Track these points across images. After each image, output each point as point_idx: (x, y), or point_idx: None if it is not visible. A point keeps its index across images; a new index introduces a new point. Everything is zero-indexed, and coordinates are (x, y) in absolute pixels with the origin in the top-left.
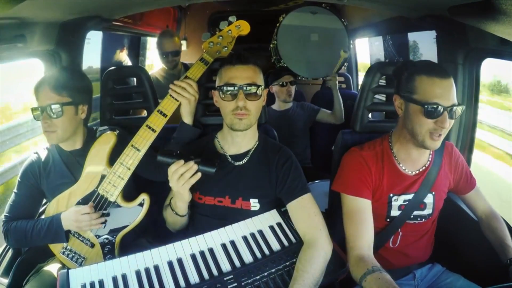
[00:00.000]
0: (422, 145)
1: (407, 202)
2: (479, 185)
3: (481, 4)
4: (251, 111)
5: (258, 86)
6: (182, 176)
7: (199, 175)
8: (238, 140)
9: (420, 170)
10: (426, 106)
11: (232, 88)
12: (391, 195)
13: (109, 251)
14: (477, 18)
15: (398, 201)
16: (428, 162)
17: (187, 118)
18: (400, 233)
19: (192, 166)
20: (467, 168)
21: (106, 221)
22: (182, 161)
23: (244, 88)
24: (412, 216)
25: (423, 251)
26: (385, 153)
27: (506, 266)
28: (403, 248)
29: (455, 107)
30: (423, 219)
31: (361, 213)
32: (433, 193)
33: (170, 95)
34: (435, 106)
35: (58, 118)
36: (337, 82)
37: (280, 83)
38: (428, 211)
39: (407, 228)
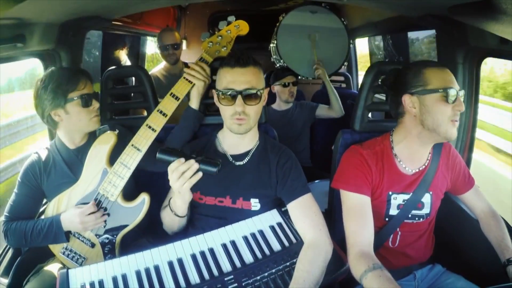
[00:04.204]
0: (445, 135)
1: (405, 202)
2: None
3: (481, 3)
4: (250, 115)
5: (257, 90)
6: (182, 175)
7: (200, 174)
8: (239, 140)
9: (420, 169)
10: (447, 91)
11: (230, 93)
12: (390, 193)
13: (109, 251)
14: (477, 18)
15: (398, 199)
16: (427, 162)
17: (194, 101)
18: (399, 232)
19: (193, 165)
20: (465, 168)
21: (106, 220)
22: (182, 160)
23: (243, 93)
24: (410, 215)
25: (423, 252)
26: (385, 153)
27: (503, 266)
28: (402, 248)
29: (461, 91)
30: (421, 219)
31: (361, 210)
32: (431, 192)
33: (172, 94)
34: (451, 90)
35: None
36: (325, 71)
37: (283, 83)
38: (425, 210)
39: (405, 227)
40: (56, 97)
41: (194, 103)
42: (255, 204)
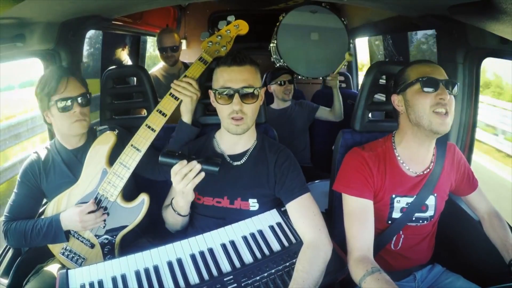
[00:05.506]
0: (430, 128)
1: (409, 205)
2: None
3: (481, 3)
4: (248, 114)
5: (254, 88)
6: (186, 177)
7: (202, 174)
8: (236, 140)
9: (424, 172)
10: (421, 79)
11: (227, 92)
12: (394, 196)
13: (109, 251)
14: (477, 17)
15: (401, 203)
16: (432, 164)
17: (186, 116)
18: (402, 235)
19: (196, 166)
20: (469, 169)
21: (105, 220)
22: (185, 162)
23: (240, 91)
24: (413, 219)
25: (425, 254)
26: (388, 154)
27: (508, 265)
28: (404, 250)
29: (450, 81)
30: (425, 221)
31: (362, 214)
32: (435, 194)
33: (171, 94)
34: (429, 78)
35: (87, 107)
36: (338, 81)
37: (278, 82)
38: (430, 213)
39: (408, 230)
40: (44, 99)
41: (186, 118)
42: (253, 204)
